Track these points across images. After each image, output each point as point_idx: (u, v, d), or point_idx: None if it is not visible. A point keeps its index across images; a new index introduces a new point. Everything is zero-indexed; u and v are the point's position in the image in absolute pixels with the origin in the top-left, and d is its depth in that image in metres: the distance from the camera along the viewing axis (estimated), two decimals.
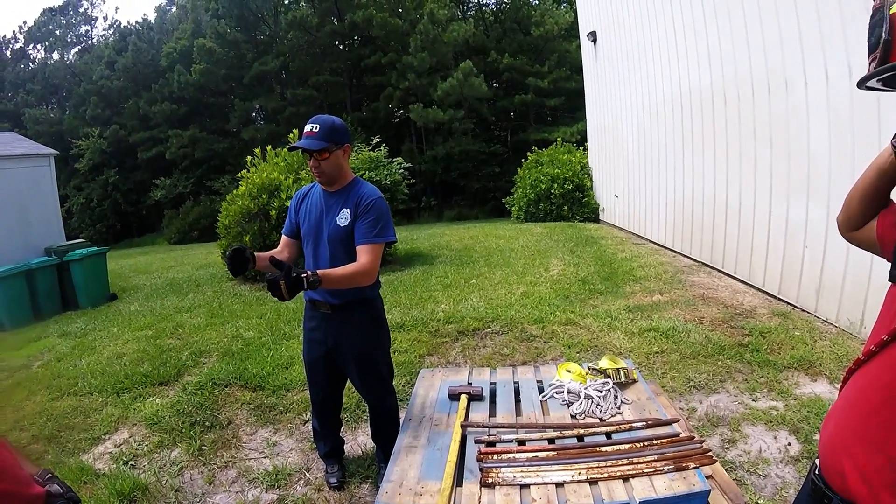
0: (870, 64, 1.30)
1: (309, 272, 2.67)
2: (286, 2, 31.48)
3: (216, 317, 7.16)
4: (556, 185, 14.55)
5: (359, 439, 4.11)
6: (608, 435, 2.55)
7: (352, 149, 3.10)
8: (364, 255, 2.98)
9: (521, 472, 2.28)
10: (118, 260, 15.93)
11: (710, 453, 2.37)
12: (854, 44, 4.94)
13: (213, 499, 3.59)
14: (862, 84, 1.32)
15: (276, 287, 2.59)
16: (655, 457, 2.31)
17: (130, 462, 4.00)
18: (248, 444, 4.16)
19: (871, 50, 1.30)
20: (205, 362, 5.60)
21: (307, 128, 2.99)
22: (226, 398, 4.77)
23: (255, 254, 2.90)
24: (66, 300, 9.28)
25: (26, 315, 8.78)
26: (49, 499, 1.68)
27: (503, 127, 31.13)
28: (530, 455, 2.39)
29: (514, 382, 3.16)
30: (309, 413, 4.39)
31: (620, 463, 2.29)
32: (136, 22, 39.56)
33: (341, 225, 3.04)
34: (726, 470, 3.13)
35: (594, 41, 13.40)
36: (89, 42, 40.69)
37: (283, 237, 3.35)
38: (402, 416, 3.18)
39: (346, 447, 3.88)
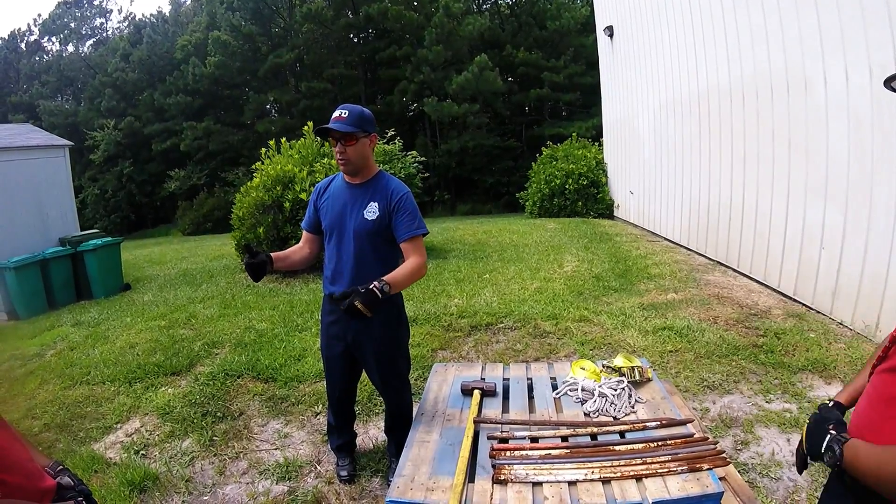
0: None
1: (376, 283, 2.68)
2: None
3: (229, 308, 7.18)
4: (570, 181, 14.49)
5: (370, 433, 4.11)
6: (622, 434, 2.54)
7: (377, 140, 3.09)
8: (413, 250, 3.01)
9: (534, 469, 2.27)
10: (132, 250, 16.03)
11: (724, 455, 2.35)
12: (875, 44, 4.88)
13: (224, 490, 3.60)
14: (888, 83, 1.29)
15: (354, 309, 2.61)
16: (669, 457, 2.29)
17: (142, 452, 4.02)
18: (259, 436, 4.17)
19: None
20: (217, 353, 5.61)
21: (336, 113, 2.96)
22: (238, 389, 4.78)
23: (272, 255, 2.99)
24: (80, 290, 9.35)
25: (41, 304, 8.85)
26: (60, 491, 1.69)
27: (518, 122, 31.04)
28: (543, 452, 2.38)
29: (528, 379, 3.15)
30: (321, 405, 4.40)
31: (634, 462, 2.27)
32: (151, 14, 39.95)
33: (369, 219, 3.01)
34: (739, 472, 3.10)
35: (611, 36, 13.31)
36: (104, 34, 41.07)
37: (305, 233, 3.33)
38: (414, 410, 3.17)
39: (358, 440, 3.88)
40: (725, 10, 7.53)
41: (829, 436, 1.55)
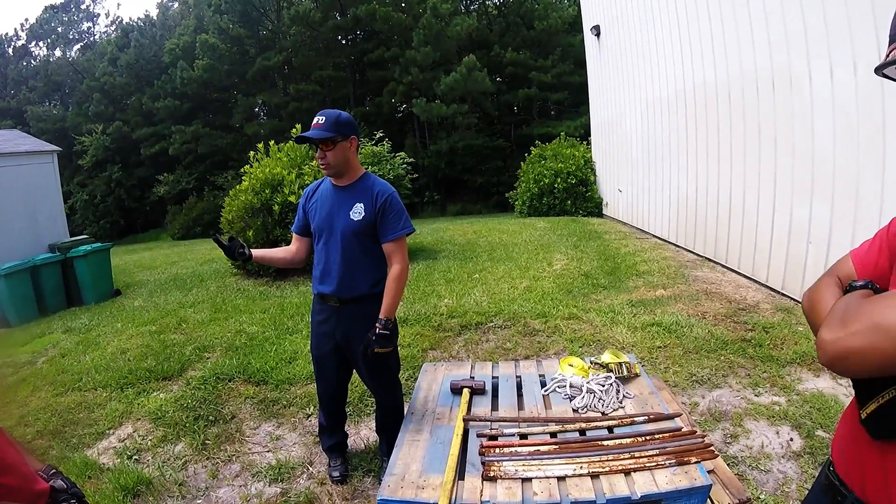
0: (889, 53, 1.28)
1: (378, 325, 3.02)
2: None
3: (220, 312, 7.17)
4: (559, 180, 14.53)
5: (361, 433, 4.13)
6: (610, 429, 2.56)
7: (359, 143, 3.15)
8: (395, 254, 3.10)
9: (523, 465, 2.29)
10: (122, 256, 15.96)
11: (712, 448, 2.38)
12: (860, 41, 4.93)
13: (217, 493, 3.61)
14: (879, 70, 1.30)
15: (379, 355, 3.06)
16: (657, 451, 2.32)
17: (134, 457, 4.02)
18: (251, 439, 4.17)
19: (892, 40, 1.29)
20: (208, 357, 5.61)
21: (314, 119, 3.05)
22: (229, 393, 4.79)
23: (253, 251, 3.18)
24: (71, 296, 9.31)
25: (31, 311, 8.81)
26: (53, 494, 1.70)
27: (507, 121, 31.04)
28: (532, 449, 2.40)
29: (517, 377, 3.17)
30: (312, 407, 4.42)
31: (622, 457, 2.30)
32: (139, 18, 39.67)
33: (355, 219, 3.07)
34: (728, 465, 3.13)
35: (598, 35, 13.35)
36: (91, 39, 40.78)
37: (294, 235, 3.40)
38: (405, 409, 3.19)
39: (350, 441, 3.90)
40: (711, 8, 7.58)
41: None
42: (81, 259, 9.05)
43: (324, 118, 3.02)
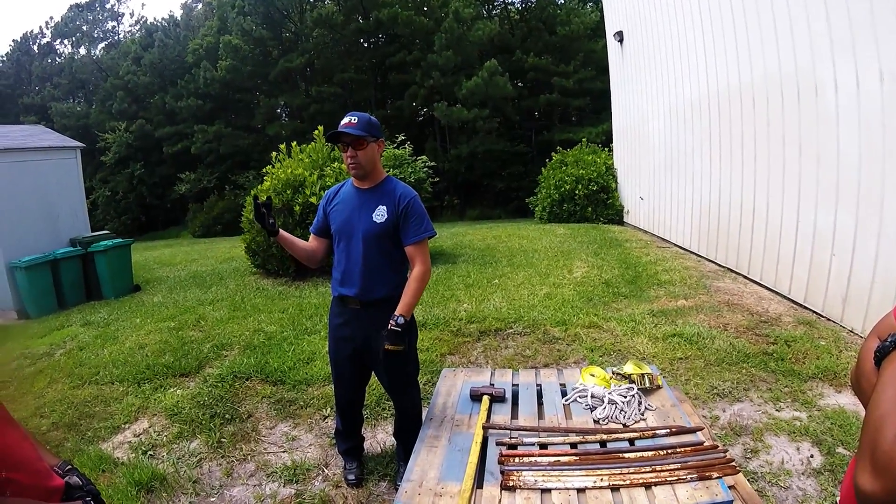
0: None
1: (391, 321, 2.93)
2: None
3: (238, 310, 7.19)
4: (580, 186, 14.47)
5: (378, 437, 4.11)
6: (631, 441, 2.53)
7: (384, 146, 3.16)
8: (418, 255, 3.10)
9: (543, 476, 2.26)
10: (142, 252, 16.09)
11: (734, 463, 2.33)
12: (885, 49, 4.85)
13: (231, 491, 3.60)
14: None
15: (390, 352, 2.92)
16: (678, 465, 2.28)
17: (149, 452, 4.03)
18: (267, 438, 4.17)
19: None
20: (226, 355, 5.63)
21: (346, 119, 3.06)
22: (246, 391, 4.79)
23: (281, 231, 3.14)
24: (91, 290, 9.39)
25: (51, 304, 8.90)
26: (68, 490, 1.69)
27: (528, 127, 30.96)
28: (552, 459, 2.37)
29: (537, 385, 3.14)
30: (329, 409, 4.41)
31: (643, 470, 2.26)
32: (163, 18, 40.19)
33: (377, 221, 3.08)
34: (748, 480, 3.08)
35: (620, 41, 13.30)
36: (116, 38, 41.29)
37: (312, 235, 3.38)
38: (423, 414, 3.17)
39: (366, 444, 3.88)
40: (735, 14, 7.51)
41: None
42: (102, 254, 9.13)
43: (357, 118, 3.04)
